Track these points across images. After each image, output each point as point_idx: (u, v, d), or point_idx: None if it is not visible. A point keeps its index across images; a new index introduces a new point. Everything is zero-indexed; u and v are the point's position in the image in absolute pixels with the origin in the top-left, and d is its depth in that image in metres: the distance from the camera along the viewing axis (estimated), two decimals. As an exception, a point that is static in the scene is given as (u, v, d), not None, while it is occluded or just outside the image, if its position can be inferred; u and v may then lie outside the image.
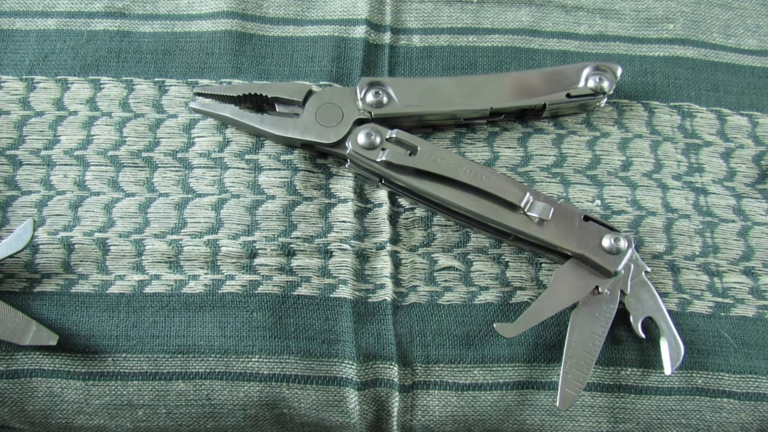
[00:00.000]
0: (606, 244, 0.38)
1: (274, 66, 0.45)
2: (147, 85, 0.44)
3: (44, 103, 0.44)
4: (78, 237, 0.40)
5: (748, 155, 0.44)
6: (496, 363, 0.39)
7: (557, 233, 0.39)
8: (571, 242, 0.38)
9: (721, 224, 0.42)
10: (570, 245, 0.38)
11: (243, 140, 0.43)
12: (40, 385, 0.38)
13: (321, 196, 0.42)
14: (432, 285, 0.40)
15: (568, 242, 0.38)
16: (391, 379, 0.38)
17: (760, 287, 0.41)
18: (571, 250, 0.38)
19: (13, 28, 0.46)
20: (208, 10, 0.47)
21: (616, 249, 0.38)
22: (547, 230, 0.39)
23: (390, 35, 0.47)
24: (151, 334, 0.38)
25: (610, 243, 0.38)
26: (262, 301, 0.39)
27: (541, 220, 0.38)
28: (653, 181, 0.43)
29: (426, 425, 0.38)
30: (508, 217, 0.39)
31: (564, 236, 0.39)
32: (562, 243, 0.38)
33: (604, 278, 0.38)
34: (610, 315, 0.38)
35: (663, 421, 0.39)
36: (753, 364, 0.39)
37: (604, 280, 0.38)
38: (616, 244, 0.38)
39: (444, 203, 0.40)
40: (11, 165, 0.42)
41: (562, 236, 0.39)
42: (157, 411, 0.38)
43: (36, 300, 0.39)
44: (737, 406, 0.38)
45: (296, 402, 0.38)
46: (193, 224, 0.41)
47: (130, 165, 0.42)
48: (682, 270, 0.41)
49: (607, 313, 0.38)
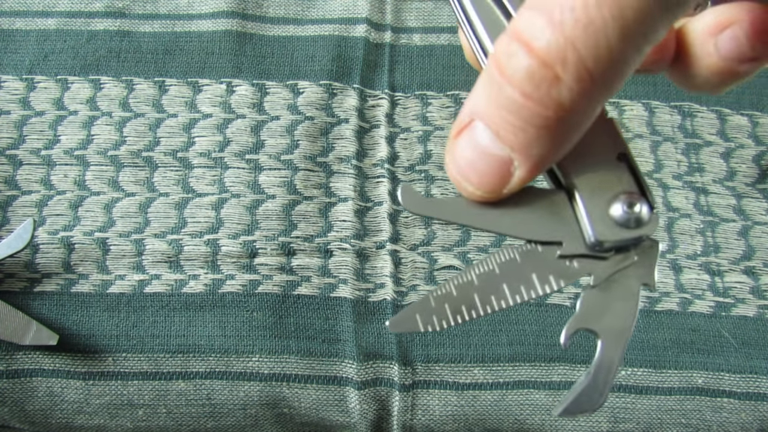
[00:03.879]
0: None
1: (274, 65, 0.45)
2: (147, 84, 0.44)
3: (44, 102, 0.44)
4: (78, 237, 0.40)
5: (748, 155, 0.44)
6: (496, 362, 0.39)
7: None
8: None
9: (721, 224, 0.42)
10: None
11: (243, 140, 0.43)
12: (40, 384, 0.38)
13: (321, 195, 0.42)
14: (432, 284, 0.40)
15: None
16: (391, 378, 0.38)
17: (761, 287, 0.41)
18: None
19: (13, 28, 0.46)
20: (208, 9, 0.47)
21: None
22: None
23: (390, 34, 0.47)
24: (152, 334, 0.38)
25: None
26: (262, 300, 0.39)
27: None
28: (654, 181, 0.43)
29: (426, 425, 0.38)
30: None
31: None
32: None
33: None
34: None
35: (663, 420, 0.38)
36: (753, 364, 0.39)
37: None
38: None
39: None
40: (11, 165, 0.42)
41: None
42: (157, 411, 0.38)
43: (36, 300, 0.39)
44: (738, 406, 0.38)
45: (296, 401, 0.38)
46: (193, 224, 0.41)
47: (130, 165, 0.42)
48: (684, 269, 0.41)
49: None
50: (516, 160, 0.20)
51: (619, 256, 0.23)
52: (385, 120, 0.44)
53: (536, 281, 0.23)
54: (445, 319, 0.23)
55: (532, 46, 0.18)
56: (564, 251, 0.23)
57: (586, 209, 0.23)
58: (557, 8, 0.18)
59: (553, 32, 0.18)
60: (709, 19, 0.22)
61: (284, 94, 0.45)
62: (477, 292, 0.23)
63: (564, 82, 0.18)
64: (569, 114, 0.19)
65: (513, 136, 0.20)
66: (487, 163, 0.21)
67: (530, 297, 0.23)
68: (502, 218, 0.23)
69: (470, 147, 0.21)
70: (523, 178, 0.21)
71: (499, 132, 0.20)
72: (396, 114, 0.45)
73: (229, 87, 0.45)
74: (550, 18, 0.18)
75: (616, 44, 0.18)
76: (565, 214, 0.23)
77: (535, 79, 0.19)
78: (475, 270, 0.23)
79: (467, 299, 0.23)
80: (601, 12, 0.18)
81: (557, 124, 0.19)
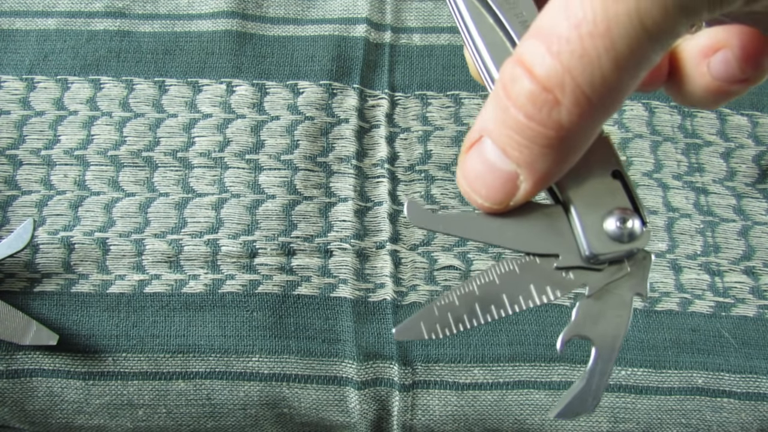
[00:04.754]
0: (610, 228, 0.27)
1: (274, 66, 0.45)
2: (147, 84, 0.44)
3: (44, 102, 0.44)
4: (78, 237, 0.40)
5: (748, 155, 0.44)
6: (496, 362, 0.39)
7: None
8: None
9: (721, 224, 0.42)
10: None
11: (243, 140, 0.43)
12: (40, 384, 0.38)
13: (321, 195, 0.42)
14: (432, 284, 0.40)
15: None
16: (391, 378, 0.38)
17: (761, 287, 0.41)
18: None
19: (13, 28, 0.46)
20: (208, 9, 0.47)
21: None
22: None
23: (390, 34, 0.47)
24: (151, 334, 0.38)
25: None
26: (262, 300, 0.39)
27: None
28: (654, 181, 0.43)
29: (426, 424, 0.38)
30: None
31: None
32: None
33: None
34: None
35: (663, 420, 0.38)
36: (753, 364, 0.39)
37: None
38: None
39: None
40: (11, 165, 0.42)
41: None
42: (157, 411, 0.38)
43: (36, 300, 0.39)
44: (737, 406, 0.38)
45: (296, 401, 0.38)
46: (193, 224, 0.41)
47: (130, 165, 0.42)
48: (684, 269, 0.41)
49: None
50: (522, 175, 0.22)
51: (613, 267, 0.24)
52: (385, 120, 0.44)
53: (534, 292, 0.24)
54: (448, 327, 0.24)
55: (533, 72, 0.20)
56: (560, 263, 0.24)
57: (581, 223, 0.24)
58: (555, 38, 0.19)
59: (552, 60, 0.19)
60: (702, 40, 0.23)
61: (284, 94, 0.45)
62: (478, 302, 0.24)
63: (563, 105, 0.20)
64: (569, 134, 0.20)
65: (518, 153, 0.21)
66: (495, 177, 0.22)
67: (528, 306, 0.24)
68: (503, 232, 0.24)
69: (479, 162, 0.22)
70: (528, 191, 0.22)
71: (506, 149, 0.21)
72: (396, 114, 0.45)
73: (229, 87, 0.45)
74: (548, 47, 0.19)
75: (610, 73, 0.19)
76: (561, 228, 0.24)
77: (537, 102, 0.20)
78: (476, 281, 0.24)
79: (469, 309, 0.24)
80: (594, 43, 0.19)
81: (559, 143, 0.20)
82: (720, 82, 0.23)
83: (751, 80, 0.23)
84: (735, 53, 0.23)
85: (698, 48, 0.23)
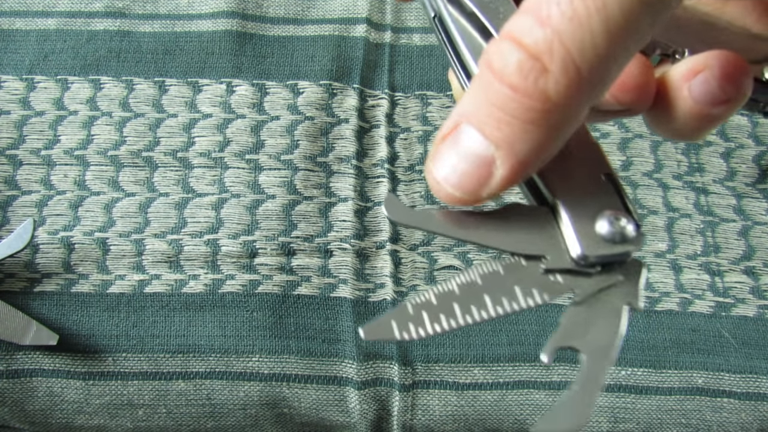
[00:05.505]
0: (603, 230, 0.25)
1: (274, 66, 0.45)
2: (147, 84, 0.44)
3: (44, 102, 0.44)
4: (78, 237, 0.40)
5: (748, 155, 0.44)
6: (496, 362, 0.39)
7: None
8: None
9: (721, 224, 0.42)
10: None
11: (243, 140, 0.43)
12: (40, 384, 0.38)
13: (321, 195, 0.42)
14: (432, 284, 0.40)
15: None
16: (391, 378, 0.38)
17: (761, 287, 0.41)
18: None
19: (13, 28, 0.46)
20: (208, 9, 0.47)
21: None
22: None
23: (390, 34, 0.47)
24: (152, 334, 0.38)
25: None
26: (262, 300, 0.39)
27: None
28: (654, 181, 0.43)
29: (426, 424, 0.38)
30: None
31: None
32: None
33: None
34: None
35: (663, 421, 0.38)
36: (753, 364, 0.39)
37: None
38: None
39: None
40: (11, 165, 0.42)
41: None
42: (157, 411, 0.38)
43: (36, 300, 0.39)
44: (738, 406, 0.38)
45: (296, 401, 0.38)
46: (193, 224, 0.41)
47: (130, 165, 0.42)
48: (684, 269, 0.41)
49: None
50: (498, 159, 0.21)
51: (604, 275, 0.23)
52: (385, 120, 0.44)
53: (519, 294, 0.23)
54: (422, 327, 0.22)
55: (521, 42, 0.19)
56: (548, 265, 0.23)
57: (572, 223, 0.22)
58: (544, 4, 0.19)
59: (541, 27, 0.19)
60: (683, 66, 0.24)
61: (284, 94, 0.45)
62: (457, 302, 0.22)
63: (551, 73, 0.19)
64: (555, 108, 0.19)
65: (498, 132, 0.20)
66: (468, 163, 0.21)
67: (513, 309, 0.22)
68: (485, 230, 0.23)
69: (453, 149, 0.22)
70: (504, 176, 0.21)
71: (485, 128, 0.20)
72: (396, 114, 0.45)
73: (229, 87, 0.45)
74: (538, 16, 0.19)
75: (601, 38, 0.19)
76: (549, 229, 0.23)
77: (523, 70, 0.19)
78: (456, 280, 0.23)
79: (446, 308, 0.22)
80: (585, 4, 0.18)
81: (543, 117, 0.20)
82: (701, 104, 0.23)
83: (732, 101, 0.23)
84: (714, 73, 0.23)
85: (680, 73, 0.24)
